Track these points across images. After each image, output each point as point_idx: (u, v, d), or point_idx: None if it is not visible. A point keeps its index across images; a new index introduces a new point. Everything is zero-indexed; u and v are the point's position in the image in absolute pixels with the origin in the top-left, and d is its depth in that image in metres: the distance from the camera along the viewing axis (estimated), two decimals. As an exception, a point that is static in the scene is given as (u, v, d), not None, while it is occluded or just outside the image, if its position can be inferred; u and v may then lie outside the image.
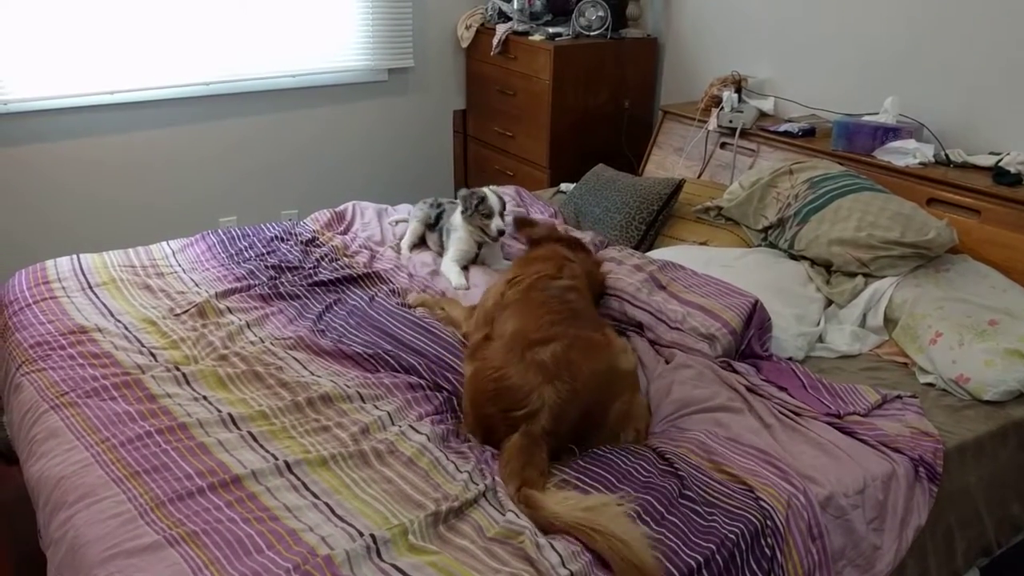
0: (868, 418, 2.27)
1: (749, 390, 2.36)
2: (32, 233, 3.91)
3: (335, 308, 2.76)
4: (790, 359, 2.59)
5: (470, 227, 3.09)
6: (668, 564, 1.72)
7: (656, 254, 3.16)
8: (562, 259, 2.59)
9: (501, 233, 3.04)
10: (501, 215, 3.05)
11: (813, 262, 2.99)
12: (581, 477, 1.98)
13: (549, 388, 2.02)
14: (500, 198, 3.08)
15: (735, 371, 2.44)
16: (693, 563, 1.73)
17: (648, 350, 2.59)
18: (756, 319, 2.56)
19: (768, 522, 1.85)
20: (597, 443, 2.09)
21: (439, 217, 3.26)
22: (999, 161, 3.01)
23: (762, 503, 1.89)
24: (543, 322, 2.23)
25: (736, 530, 1.82)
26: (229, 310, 2.71)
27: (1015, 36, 3.05)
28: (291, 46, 4.28)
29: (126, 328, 2.58)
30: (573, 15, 4.31)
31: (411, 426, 2.13)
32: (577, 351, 2.12)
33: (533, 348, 2.11)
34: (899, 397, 2.36)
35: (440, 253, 3.21)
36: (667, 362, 2.51)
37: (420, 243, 3.33)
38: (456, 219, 3.14)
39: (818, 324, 2.74)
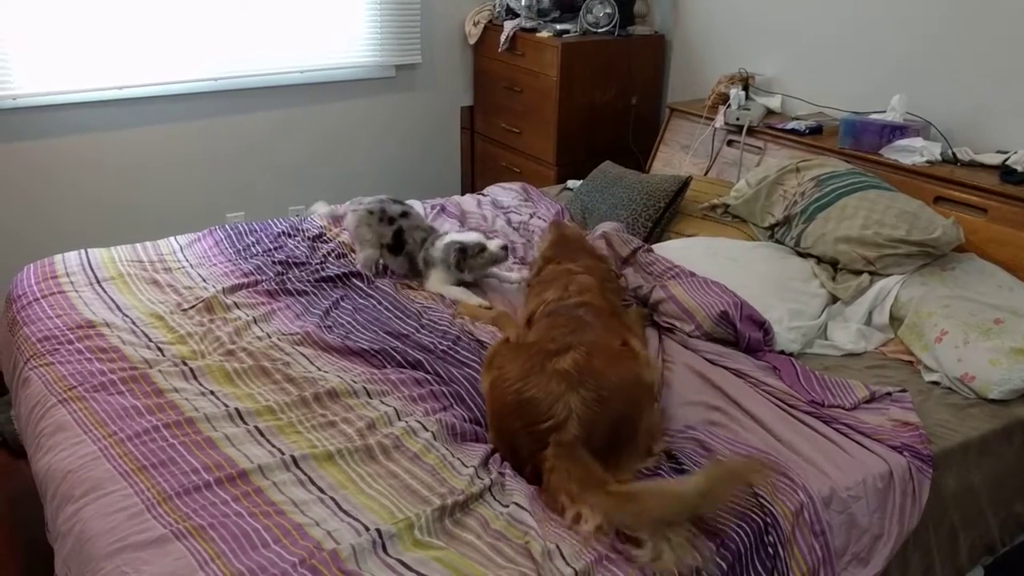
0: (851, 412, 2.28)
1: (738, 375, 2.40)
2: (40, 228, 3.92)
3: (342, 304, 2.77)
4: (782, 352, 2.60)
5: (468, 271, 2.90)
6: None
7: (664, 246, 3.17)
8: (566, 276, 2.51)
9: (506, 248, 2.91)
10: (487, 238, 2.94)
11: (819, 260, 2.99)
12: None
13: (574, 396, 1.94)
14: (472, 241, 2.90)
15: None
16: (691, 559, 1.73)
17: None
18: (741, 317, 2.58)
19: (770, 519, 1.86)
20: (630, 460, 1.98)
21: (400, 236, 2.99)
22: (1006, 160, 3.00)
23: (762, 500, 1.89)
24: (556, 334, 2.17)
25: (738, 527, 1.82)
26: (236, 305, 2.72)
27: (1023, 34, 3.04)
28: (299, 42, 4.29)
29: (133, 323, 2.59)
30: (581, 12, 4.30)
31: (418, 421, 2.14)
32: (599, 358, 2.03)
33: (552, 358, 2.04)
34: (888, 394, 2.36)
35: (407, 276, 3.01)
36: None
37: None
38: (436, 254, 2.90)
39: (818, 319, 2.74)
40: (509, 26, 4.43)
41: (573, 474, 1.85)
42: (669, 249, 3.12)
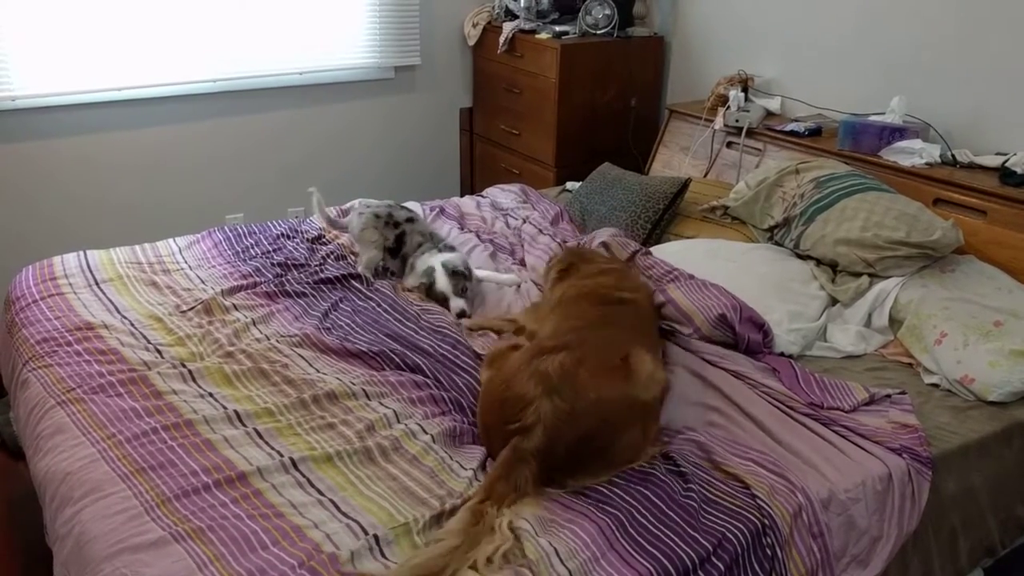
0: (851, 414, 2.28)
1: (737, 376, 2.40)
2: (39, 229, 3.92)
3: (341, 306, 2.77)
4: (781, 354, 2.60)
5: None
6: (664, 560, 1.73)
7: (663, 248, 3.17)
8: (621, 273, 2.52)
9: (461, 315, 2.74)
10: (463, 291, 2.81)
11: (819, 262, 2.99)
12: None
13: (547, 403, 1.93)
14: (458, 271, 2.82)
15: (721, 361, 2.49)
16: (688, 561, 1.74)
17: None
18: (741, 319, 2.58)
19: (767, 521, 1.86)
20: (597, 472, 1.96)
21: (400, 240, 3.03)
22: (1005, 161, 3.00)
23: (761, 502, 1.89)
24: (564, 327, 2.15)
25: (736, 529, 1.82)
26: (235, 307, 2.72)
27: (1022, 36, 3.04)
28: (298, 44, 4.29)
29: (132, 325, 2.59)
30: (580, 13, 4.30)
31: (417, 424, 2.14)
32: (588, 370, 2.00)
33: (542, 356, 2.04)
34: (888, 396, 2.36)
35: (404, 275, 3.02)
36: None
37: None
38: (419, 268, 2.92)
39: (817, 321, 2.74)
40: (508, 27, 4.43)
41: (491, 478, 1.90)
42: (668, 251, 3.12)
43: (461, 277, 2.83)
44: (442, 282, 2.80)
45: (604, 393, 1.99)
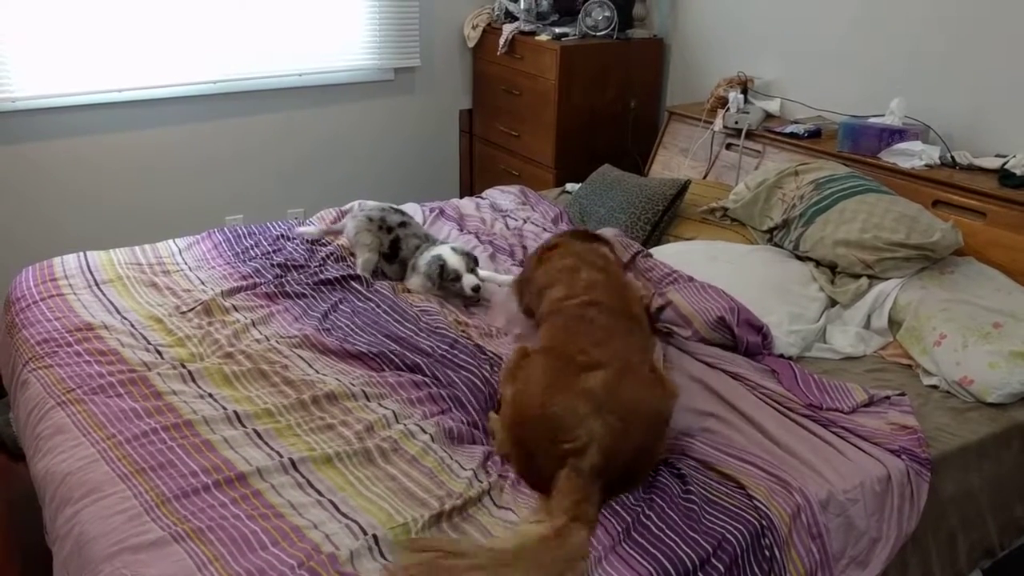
0: (850, 415, 2.28)
1: (735, 378, 2.39)
2: (39, 230, 3.92)
3: (341, 307, 2.77)
4: (781, 356, 2.60)
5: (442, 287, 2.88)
6: (665, 562, 1.74)
7: (663, 249, 3.17)
8: (571, 273, 2.44)
9: (476, 289, 2.82)
10: (473, 271, 2.86)
11: (818, 263, 2.99)
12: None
13: (598, 421, 1.90)
14: (465, 254, 2.88)
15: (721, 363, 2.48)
16: (689, 562, 1.75)
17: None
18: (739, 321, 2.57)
19: (766, 522, 1.86)
20: (640, 482, 1.97)
21: (395, 245, 3.04)
22: (1005, 163, 3.00)
23: (758, 503, 1.90)
24: (584, 344, 2.12)
25: (735, 530, 1.82)
26: (235, 308, 2.72)
27: (1022, 38, 3.05)
28: (298, 45, 4.29)
29: (132, 325, 2.59)
30: (580, 15, 4.31)
31: (416, 424, 2.14)
32: (629, 386, 1.99)
33: (581, 374, 2.00)
34: (887, 398, 2.36)
35: (401, 280, 3.03)
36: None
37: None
38: (422, 263, 2.93)
39: (817, 322, 2.74)
40: (508, 29, 4.43)
41: (570, 503, 1.85)
42: (668, 253, 3.12)
43: (470, 259, 2.88)
44: (454, 260, 2.83)
45: (649, 407, 1.99)
